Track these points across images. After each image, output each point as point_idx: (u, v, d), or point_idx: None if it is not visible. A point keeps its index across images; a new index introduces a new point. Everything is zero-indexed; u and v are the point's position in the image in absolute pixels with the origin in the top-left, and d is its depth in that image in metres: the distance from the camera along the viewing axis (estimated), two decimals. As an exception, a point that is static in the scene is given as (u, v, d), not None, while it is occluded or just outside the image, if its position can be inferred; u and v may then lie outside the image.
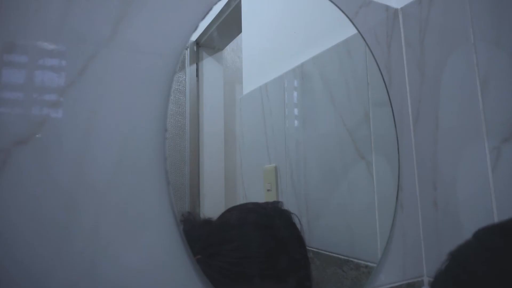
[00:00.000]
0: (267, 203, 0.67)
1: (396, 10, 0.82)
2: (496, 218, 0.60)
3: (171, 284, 0.51)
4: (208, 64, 0.72)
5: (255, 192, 0.72)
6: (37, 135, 0.45)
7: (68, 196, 0.45)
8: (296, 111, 0.77)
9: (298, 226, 0.63)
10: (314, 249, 0.69)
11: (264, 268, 0.56)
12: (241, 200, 0.71)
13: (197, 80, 0.70)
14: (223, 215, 0.61)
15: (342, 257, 0.68)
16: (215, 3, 0.60)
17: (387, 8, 0.81)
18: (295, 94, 0.79)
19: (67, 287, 0.44)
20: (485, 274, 0.30)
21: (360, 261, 0.68)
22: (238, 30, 0.76)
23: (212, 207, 0.66)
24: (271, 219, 0.61)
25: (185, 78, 0.68)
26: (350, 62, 0.78)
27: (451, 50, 0.70)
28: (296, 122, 0.77)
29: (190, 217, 0.58)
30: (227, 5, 0.67)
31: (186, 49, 0.61)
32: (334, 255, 0.69)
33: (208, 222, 0.62)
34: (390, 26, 0.80)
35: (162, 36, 0.55)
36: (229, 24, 0.72)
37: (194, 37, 0.60)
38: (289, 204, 0.67)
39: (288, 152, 0.74)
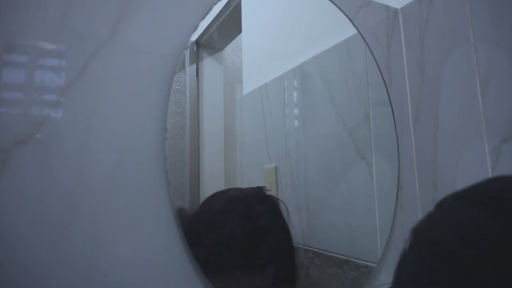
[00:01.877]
0: (250, 189, 0.66)
1: (396, 10, 0.82)
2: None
3: (171, 284, 0.50)
4: (208, 64, 0.72)
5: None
6: (37, 135, 0.44)
7: (68, 196, 0.45)
8: (296, 111, 0.77)
9: (284, 212, 0.62)
10: (314, 249, 0.69)
11: (244, 258, 0.56)
12: (241, 200, 0.71)
13: (197, 80, 0.70)
14: (205, 202, 0.61)
15: (342, 257, 0.68)
16: (215, 3, 0.60)
17: (387, 8, 0.81)
18: (295, 94, 0.79)
19: (67, 287, 0.44)
20: (450, 246, 0.28)
21: (360, 261, 0.68)
22: (238, 30, 0.76)
23: (212, 207, 0.65)
24: (252, 207, 0.61)
25: (185, 78, 0.68)
26: (350, 62, 0.78)
27: (451, 50, 0.70)
28: (296, 122, 0.77)
29: (182, 213, 0.58)
30: (227, 5, 0.67)
31: (186, 49, 0.61)
32: (334, 255, 0.69)
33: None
34: (390, 26, 0.80)
35: (162, 36, 0.55)
36: (229, 24, 0.72)
37: (194, 37, 0.60)
38: (289, 204, 0.67)
39: (288, 152, 0.74)
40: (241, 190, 0.65)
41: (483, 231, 0.27)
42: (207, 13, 0.59)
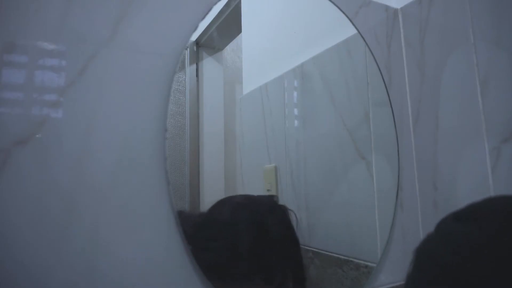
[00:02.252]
0: (261, 198, 0.65)
1: (396, 10, 0.82)
2: (496, 218, 0.60)
3: (170, 284, 0.51)
4: (208, 64, 0.72)
5: (255, 192, 0.72)
6: (37, 135, 0.45)
7: (68, 196, 0.45)
8: (296, 111, 0.77)
9: (294, 222, 0.62)
10: (314, 249, 0.69)
11: (252, 269, 0.56)
12: (241, 200, 0.71)
13: (197, 80, 0.70)
14: (214, 208, 0.60)
15: (342, 257, 0.68)
16: (215, 3, 0.60)
17: (387, 8, 0.81)
18: (295, 94, 0.79)
19: (67, 287, 0.44)
20: (445, 258, 0.30)
21: (360, 261, 0.68)
22: (238, 30, 0.76)
23: (212, 207, 0.65)
24: (263, 217, 0.60)
25: (185, 78, 0.68)
26: (350, 62, 0.78)
27: (451, 50, 0.70)
28: (296, 122, 0.77)
29: (182, 215, 0.57)
30: (227, 5, 0.67)
31: (186, 49, 0.61)
32: (334, 255, 0.69)
33: (201, 214, 0.61)
34: (390, 26, 0.80)
35: (162, 36, 0.55)
36: (229, 24, 0.72)
37: (194, 37, 0.60)
38: (289, 204, 0.67)
39: (288, 152, 0.74)
40: (251, 198, 0.64)
41: (474, 244, 0.30)
42: (207, 13, 0.59)
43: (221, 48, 0.75)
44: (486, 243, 0.29)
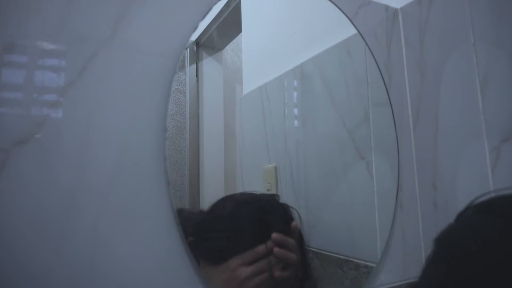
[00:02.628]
0: (263, 195, 0.66)
1: (396, 10, 0.82)
2: (496, 218, 0.60)
3: (170, 284, 0.50)
4: (208, 64, 0.72)
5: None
6: (37, 135, 0.45)
7: (68, 196, 0.45)
8: (296, 111, 0.77)
9: (297, 220, 0.62)
10: (314, 249, 0.69)
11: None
12: (241, 200, 0.71)
13: (197, 80, 0.70)
14: (216, 204, 0.60)
15: (342, 257, 0.69)
16: (215, 3, 0.60)
17: (386, 8, 0.81)
18: (295, 94, 0.79)
19: (67, 287, 0.44)
20: (463, 247, 0.31)
21: (360, 261, 0.68)
22: (238, 30, 0.76)
23: (212, 207, 0.65)
24: (265, 215, 0.60)
25: (185, 78, 0.68)
26: (350, 62, 0.78)
27: (451, 50, 0.70)
28: (296, 122, 0.77)
29: (182, 214, 0.57)
30: (227, 5, 0.67)
31: (186, 49, 0.61)
32: (334, 255, 0.69)
33: (202, 212, 0.61)
34: (390, 26, 0.80)
35: (162, 36, 0.55)
36: (229, 24, 0.72)
37: (194, 37, 0.60)
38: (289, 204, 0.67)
39: (288, 152, 0.74)
40: (253, 196, 0.65)
41: (491, 236, 0.30)
42: (207, 13, 0.59)
43: (221, 48, 0.75)
44: (502, 237, 0.29)
